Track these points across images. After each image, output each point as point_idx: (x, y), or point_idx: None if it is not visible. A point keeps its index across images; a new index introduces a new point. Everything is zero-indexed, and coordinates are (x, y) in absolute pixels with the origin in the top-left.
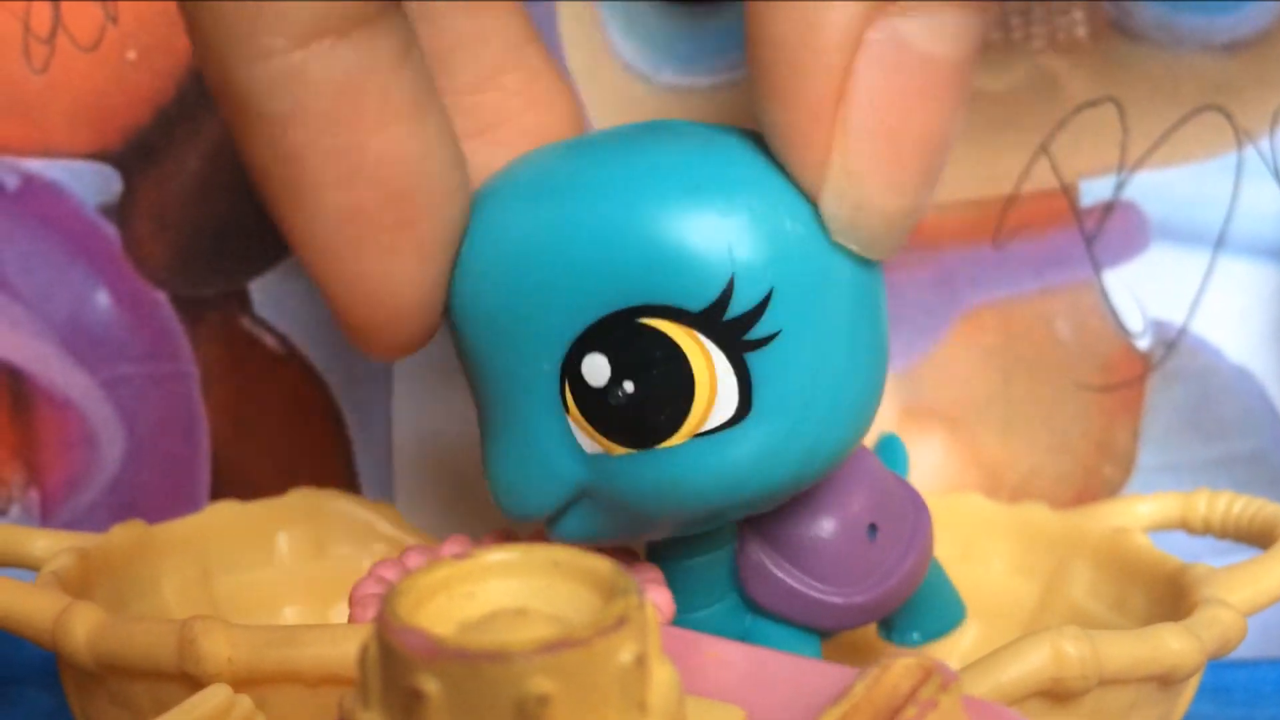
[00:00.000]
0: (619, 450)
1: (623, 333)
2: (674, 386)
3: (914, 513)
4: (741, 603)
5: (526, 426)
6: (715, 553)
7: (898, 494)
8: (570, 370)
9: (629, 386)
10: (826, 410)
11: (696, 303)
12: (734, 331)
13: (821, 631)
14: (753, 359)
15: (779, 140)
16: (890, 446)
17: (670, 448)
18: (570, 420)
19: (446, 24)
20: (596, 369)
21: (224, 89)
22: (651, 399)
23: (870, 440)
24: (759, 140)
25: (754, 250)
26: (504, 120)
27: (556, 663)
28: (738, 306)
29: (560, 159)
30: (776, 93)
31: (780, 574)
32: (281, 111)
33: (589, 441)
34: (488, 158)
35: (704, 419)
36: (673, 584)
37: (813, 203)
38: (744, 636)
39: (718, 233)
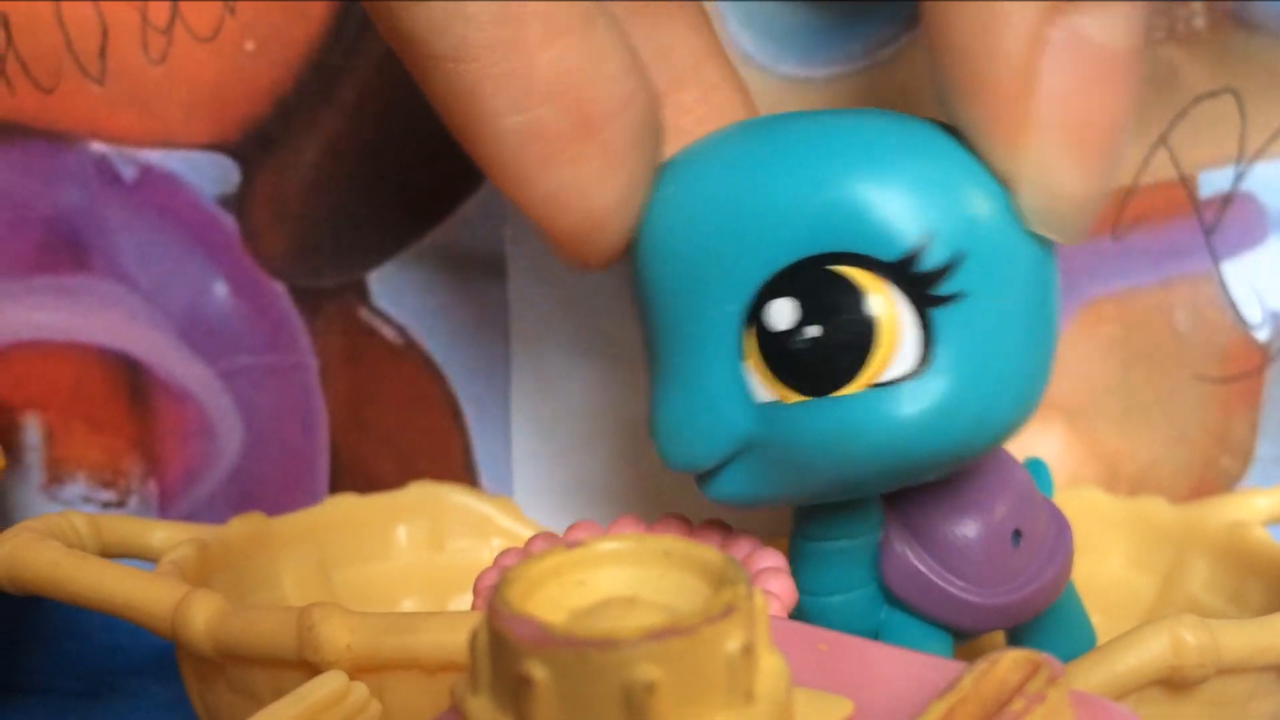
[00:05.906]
0: (793, 398)
1: (812, 278)
2: (858, 332)
3: (1057, 529)
4: (880, 593)
5: (700, 373)
6: (860, 539)
7: (1042, 508)
8: (754, 315)
9: (813, 331)
10: (999, 376)
11: (890, 253)
12: (922, 284)
13: (954, 632)
14: (937, 315)
15: (973, 136)
16: (1035, 468)
17: (845, 395)
18: (747, 366)
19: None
20: (782, 313)
21: (396, 36)
22: (835, 344)
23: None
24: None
25: (949, 212)
26: (681, 135)
27: (663, 650)
28: (928, 261)
29: (758, 122)
30: (967, 95)
31: (921, 567)
32: (449, 49)
33: (763, 389)
34: None
35: (883, 368)
36: (814, 565)
37: (1007, 190)
38: (878, 628)
39: (919, 189)
